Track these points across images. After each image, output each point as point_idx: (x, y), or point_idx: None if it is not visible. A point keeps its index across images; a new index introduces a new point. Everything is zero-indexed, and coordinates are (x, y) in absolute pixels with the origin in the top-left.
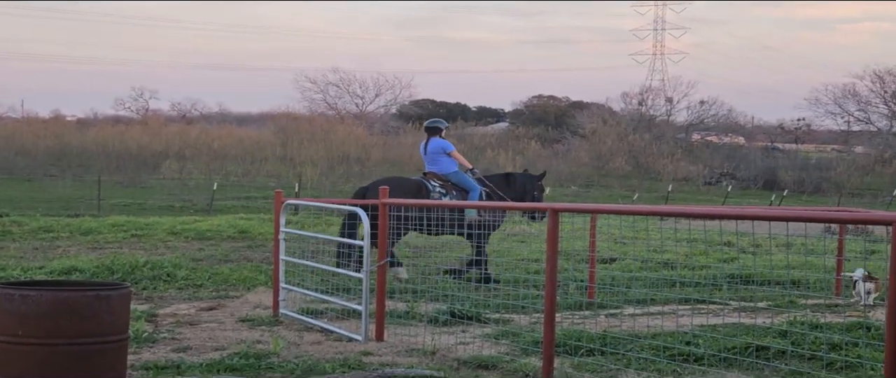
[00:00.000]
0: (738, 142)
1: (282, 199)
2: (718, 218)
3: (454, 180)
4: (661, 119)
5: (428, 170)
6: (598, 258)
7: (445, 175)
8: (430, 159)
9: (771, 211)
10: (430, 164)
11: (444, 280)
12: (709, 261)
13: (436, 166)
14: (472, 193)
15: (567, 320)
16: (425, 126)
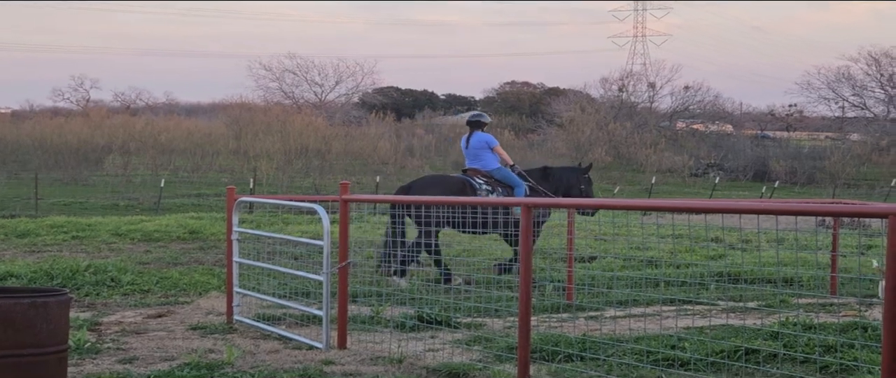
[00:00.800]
0: (726, 130)
1: (235, 196)
2: (705, 212)
3: (498, 177)
4: (644, 106)
5: (470, 166)
6: (576, 257)
7: (489, 171)
8: (472, 155)
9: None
10: (472, 159)
11: (412, 282)
12: (695, 258)
13: (479, 162)
14: (517, 190)
15: (544, 324)
16: (468, 120)
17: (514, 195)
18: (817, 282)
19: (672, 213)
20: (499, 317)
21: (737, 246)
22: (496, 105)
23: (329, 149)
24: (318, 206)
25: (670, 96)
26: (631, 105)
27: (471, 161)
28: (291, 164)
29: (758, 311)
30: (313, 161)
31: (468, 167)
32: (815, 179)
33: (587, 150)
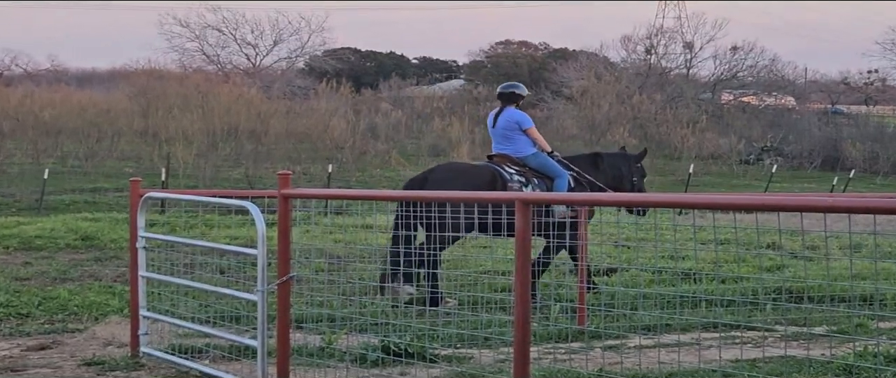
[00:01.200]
0: (787, 104)
1: (141, 191)
2: (757, 209)
3: (533, 164)
4: (679, 73)
5: (497, 151)
6: (591, 269)
7: (522, 158)
8: (500, 136)
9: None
10: (500, 142)
11: (375, 302)
12: (745, 270)
13: (509, 146)
14: (559, 181)
15: (548, 356)
16: (499, 92)
17: (555, 188)
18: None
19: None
20: (490, 347)
21: (800, 254)
22: (486, 72)
23: (266, 129)
24: (251, 203)
25: (713, 60)
26: (662, 71)
27: (499, 144)
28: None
29: (827, 339)
30: (245, 145)
31: (495, 152)
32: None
33: (605, 129)
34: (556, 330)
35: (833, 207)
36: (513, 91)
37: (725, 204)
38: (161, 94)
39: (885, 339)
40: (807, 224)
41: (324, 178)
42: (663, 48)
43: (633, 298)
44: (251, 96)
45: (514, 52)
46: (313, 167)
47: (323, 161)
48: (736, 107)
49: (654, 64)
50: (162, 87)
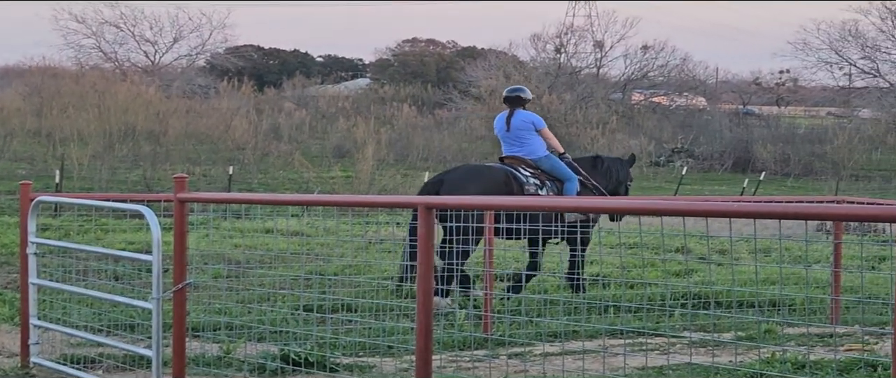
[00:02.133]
0: (698, 104)
1: (32, 195)
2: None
3: (545, 167)
4: (589, 72)
5: (510, 153)
6: (497, 274)
7: (535, 160)
8: (513, 138)
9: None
10: (513, 144)
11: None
12: (654, 275)
13: (523, 148)
14: (569, 184)
15: (452, 364)
16: (506, 95)
17: (565, 191)
18: (815, 305)
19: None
20: (393, 355)
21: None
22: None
23: (165, 129)
24: (146, 207)
25: (624, 59)
26: (572, 71)
27: (512, 146)
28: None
29: (734, 346)
30: (144, 146)
31: (508, 154)
32: (814, 169)
33: None
34: (461, 337)
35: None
36: (519, 95)
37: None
38: (56, 93)
39: (793, 346)
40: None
41: (224, 180)
42: (573, 47)
43: (539, 305)
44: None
45: (421, 51)
46: (214, 169)
47: (224, 162)
48: (646, 107)
49: (564, 63)
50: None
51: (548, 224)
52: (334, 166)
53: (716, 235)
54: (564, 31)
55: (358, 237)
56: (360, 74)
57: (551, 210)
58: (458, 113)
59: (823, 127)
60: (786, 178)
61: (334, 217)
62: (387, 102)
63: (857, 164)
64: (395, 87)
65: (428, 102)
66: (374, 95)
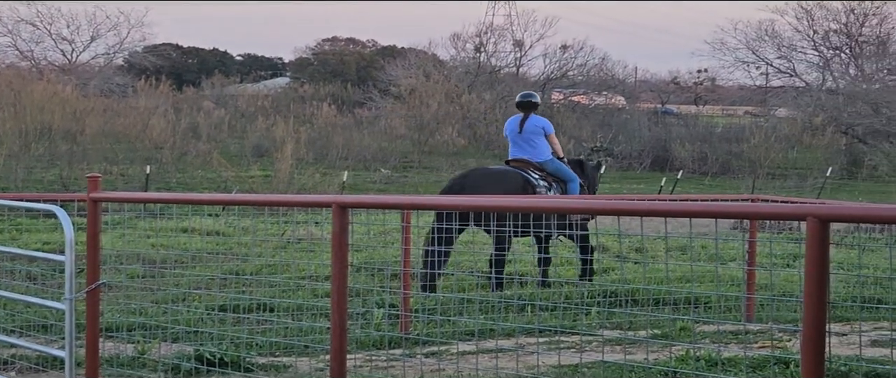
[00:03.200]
0: (617, 103)
1: None
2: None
3: (550, 169)
4: (509, 72)
5: (518, 156)
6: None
7: (541, 163)
8: (524, 140)
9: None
10: (522, 147)
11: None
12: (571, 273)
13: (531, 151)
14: (572, 185)
15: (368, 364)
16: (518, 101)
17: (569, 191)
18: (729, 303)
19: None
20: (310, 355)
21: (628, 257)
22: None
23: (82, 128)
24: (58, 207)
25: (543, 58)
26: (491, 70)
27: (521, 149)
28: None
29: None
30: (60, 145)
31: (515, 157)
32: (731, 168)
33: (434, 129)
34: (378, 337)
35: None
36: (531, 100)
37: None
38: None
39: (708, 343)
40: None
41: (142, 179)
42: (493, 46)
43: (458, 304)
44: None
45: (341, 50)
46: (132, 168)
47: (141, 162)
48: (566, 106)
49: (484, 62)
50: None
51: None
52: (253, 166)
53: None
54: (484, 30)
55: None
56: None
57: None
58: (377, 112)
59: (740, 126)
60: (703, 176)
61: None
62: (306, 101)
63: (774, 162)
64: (315, 86)
65: (347, 101)
66: (294, 94)
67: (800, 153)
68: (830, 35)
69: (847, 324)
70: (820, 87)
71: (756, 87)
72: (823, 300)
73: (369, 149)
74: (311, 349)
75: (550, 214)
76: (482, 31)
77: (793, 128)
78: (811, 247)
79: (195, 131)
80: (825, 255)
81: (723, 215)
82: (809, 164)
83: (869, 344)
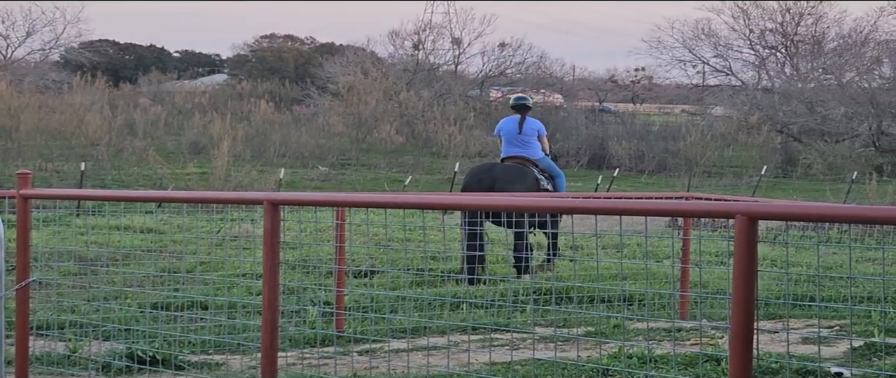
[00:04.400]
0: (554, 101)
1: None
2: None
3: (543, 166)
4: (447, 69)
5: (515, 153)
6: (351, 270)
7: (536, 160)
8: (521, 140)
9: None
10: (519, 146)
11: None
12: (509, 270)
13: (526, 149)
14: (560, 180)
15: (301, 362)
16: (515, 103)
17: (558, 186)
18: (663, 301)
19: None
20: (243, 352)
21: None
22: (249, 67)
23: (17, 125)
24: None
25: (481, 56)
26: (430, 67)
27: (517, 148)
28: None
29: (585, 341)
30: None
31: (513, 155)
32: (668, 166)
33: (372, 126)
34: (312, 335)
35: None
36: (526, 103)
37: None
38: None
39: (642, 341)
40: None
41: (77, 176)
42: (431, 44)
43: (393, 301)
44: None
45: (279, 46)
46: (67, 165)
47: (77, 159)
48: (504, 104)
49: (422, 60)
50: None
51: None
52: (189, 163)
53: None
54: (422, 27)
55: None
56: (217, 70)
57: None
58: (315, 109)
59: (677, 124)
60: (640, 174)
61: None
62: (244, 98)
63: (710, 160)
64: (253, 82)
65: (285, 98)
66: (231, 91)
67: (736, 152)
68: (766, 34)
69: (779, 321)
70: (756, 85)
71: (693, 86)
72: (751, 297)
73: (307, 146)
74: (244, 347)
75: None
76: (420, 29)
77: (729, 126)
78: (740, 244)
79: (131, 128)
80: (753, 252)
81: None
82: (745, 162)
83: (799, 341)
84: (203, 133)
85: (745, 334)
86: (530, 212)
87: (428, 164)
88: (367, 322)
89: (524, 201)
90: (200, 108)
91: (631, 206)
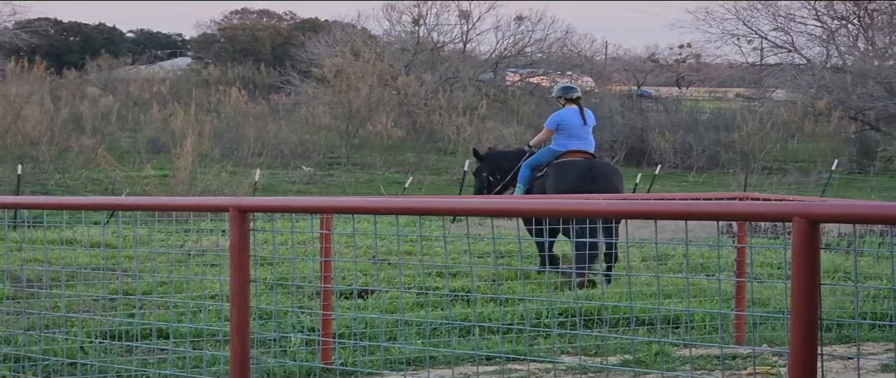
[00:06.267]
0: (584, 85)
1: None
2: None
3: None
4: (454, 48)
5: (584, 148)
6: (339, 291)
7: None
8: (586, 133)
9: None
10: (585, 140)
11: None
12: (529, 288)
13: (589, 144)
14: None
15: None
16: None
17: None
18: (716, 322)
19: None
20: None
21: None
22: (217, 48)
23: None
24: None
25: (495, 32)
26: (433, 46)
27: (584, 142)
28: None
29: (620, 371)
30: None
31: (582, 149)
32: (720, 161)
33: (365, 118)
34: (294, 367)
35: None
36: (579, 95)
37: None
38: None
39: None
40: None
41: (13, 181)
42: (434, 18)
43: (392, 326)
44: None
45: (253, 24)
46: (1, 168)
47: (12, 160)
48: (523, 89)
49: (424, 37)
50: None
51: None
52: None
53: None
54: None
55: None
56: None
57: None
58: (297, 98)
59: (731, 111)
60: (687, 171)
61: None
62: (211, 86)
63: (770, 154)
64: (222, 67)
65: (261, 86)
66: (197, 78)
67: (801, 143)
68: (835, 3)
69: (852, 345)
70: (824, 64)
71: (748, 66)
72: (814, 315)
73: (288, 142)
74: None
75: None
76: (421, 0)
77: (792, 113)
78: (798, 252)
79: (78, 123)
80: (814, 261)
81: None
82: (812, 155)
83: (877, 369)
84: (163, 128)
85: (806, 360)
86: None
87: (432, 163)
88: (358, 352)
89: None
90: (159, 99)
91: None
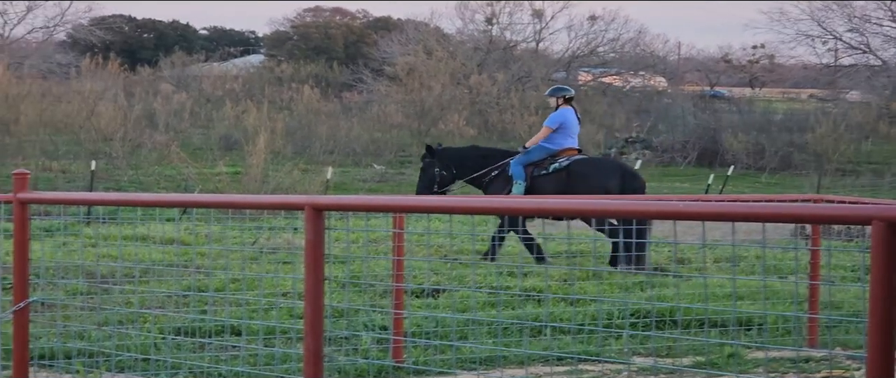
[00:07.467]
0: (657, 85)
1: None
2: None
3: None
4: (526, 48)
5: (573, 146)
6: (411, 290)
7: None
8: (576, 133)
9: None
10: (573, 138)
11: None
12: (601, 288)
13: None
14: None
15: None
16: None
17: None
18: (790, 325)
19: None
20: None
21: (666, 269)
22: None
23: (16, 116)
24: None
25: (568, 32)
26: (506, 45)
27: (573, 140)
28: None
29: (695, 372)
30: None
31: (572, 147)
32: (793, 163)
33: (437, 116)
34: (366, 366)
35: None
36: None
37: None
38: None
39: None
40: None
41: (87, 177)
42: (507, 17)
43: (463, 326)
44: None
45: (326, 22)
46: (75, 164)
47: (87, 156)
48: (595, 89)
49: (497, 36)
50: None
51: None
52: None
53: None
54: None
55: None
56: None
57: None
58: (369, 96)
59: (804, 112)
60: (760, 172)
61: (219, 222)
62: (284, 84)
63: (845, 156)
64: (295, 65)
65: (333, 84)
66: (269, 75)
67: (875, 145)
68: None
69: None
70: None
71: (823, 67)
72: (891, 319)
73: (359, 140)
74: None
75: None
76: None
77: (866, 114)
78: (877, 256)
79: (151, 120)
80: (894, 265)
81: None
82: (888, 157)
83: None
84: (236, 125)
85: (883, 365)
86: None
87: None
88: (430, 351)
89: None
90: (232, 96)
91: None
